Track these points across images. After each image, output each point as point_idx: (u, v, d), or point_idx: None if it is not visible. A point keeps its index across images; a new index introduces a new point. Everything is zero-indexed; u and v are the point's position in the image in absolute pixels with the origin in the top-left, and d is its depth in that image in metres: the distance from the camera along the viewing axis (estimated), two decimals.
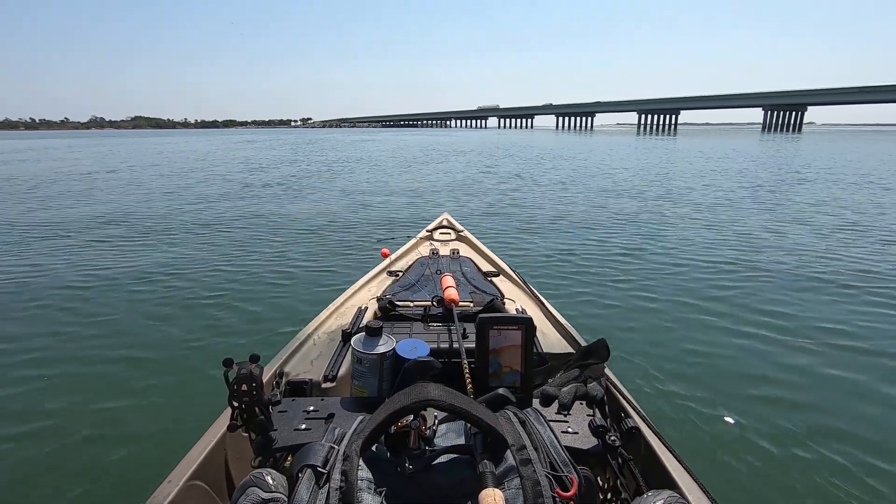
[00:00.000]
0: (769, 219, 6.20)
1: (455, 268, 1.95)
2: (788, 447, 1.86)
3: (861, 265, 4.16)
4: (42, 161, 17.70)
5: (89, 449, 1.87)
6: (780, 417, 2.04)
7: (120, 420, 2.05)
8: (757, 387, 2.28)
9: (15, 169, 14.25)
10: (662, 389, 2.25)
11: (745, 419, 2.03)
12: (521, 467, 0.68)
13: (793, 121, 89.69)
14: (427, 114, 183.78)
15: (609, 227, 5.82)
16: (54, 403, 2.19)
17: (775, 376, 2.37)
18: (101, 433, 1.96)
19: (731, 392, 2.23)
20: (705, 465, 1.73)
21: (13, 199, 8.18)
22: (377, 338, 1.06)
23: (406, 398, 0.74)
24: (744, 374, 2.39)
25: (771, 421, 2.02)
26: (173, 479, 0.86)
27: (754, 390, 2.25)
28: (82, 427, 2.00)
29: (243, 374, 0.81)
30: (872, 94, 75.11)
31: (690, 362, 2.51)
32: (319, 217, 6.53)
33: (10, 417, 2.09)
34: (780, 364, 2.48)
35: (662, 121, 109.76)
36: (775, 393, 2.23)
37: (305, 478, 0.65)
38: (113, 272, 4.10)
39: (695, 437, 1.93)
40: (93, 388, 2.30)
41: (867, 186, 9.45)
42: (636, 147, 26.13)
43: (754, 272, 3.97)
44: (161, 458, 1.04)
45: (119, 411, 2.12)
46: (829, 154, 19.82)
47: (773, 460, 1.80)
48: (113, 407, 2.15)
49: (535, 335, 1.32)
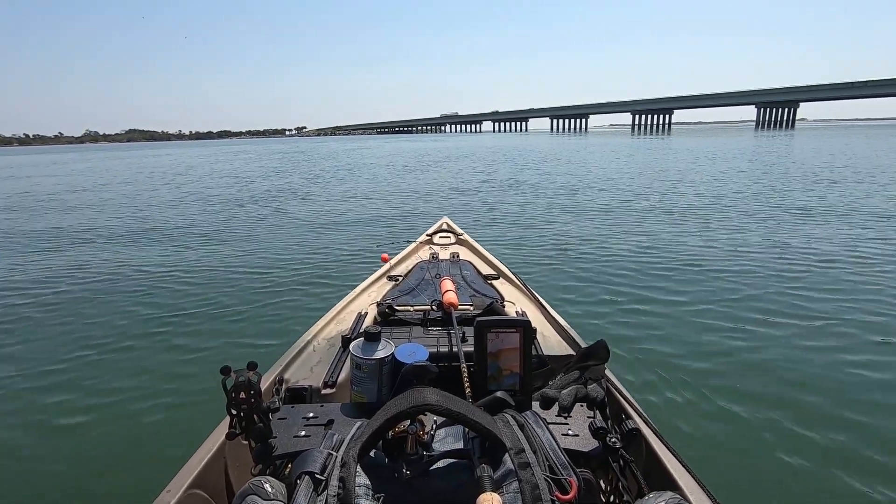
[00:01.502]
0: (775, 219, 6.13)
1: (455, 271, 1.95)
2: (791, 448, 1.84)
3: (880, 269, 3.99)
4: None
5: (88, 458, 1.87)
6: (782, 418, 2.02)
7: (118, 428, 2.05)
8: (759, 387, 2.26)
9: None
10: (663, 390, 2.24)
11: (746, 419, 2.02)
12: (519, 471, 0.68)
13: (786, 117, 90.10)
14: (422, 120, 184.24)
15: (608, 228, 5.83)
16: (52, 410, 2.18)
17: (777, 376, 2.35)
18: (100, 442, 1.96)
19: (732, 392, 2.22)
20: (707, 467, 1.70)
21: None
22: (376, 343, 1.06)
23: (402, 403, 0.73)
24: (745, 374, 2.38)
25: (773, 421, 2.00)
26: (172, 488, 0.86)
27: (756, 390, 2.24)
28: (81, 436, 2.00)
29: (241, 381, 0.81)
30: (862, 89, 75.67)
31: (691, 363, 2.50)
32: (319, 223, 6.55)
33: (6, 427, 2.08)
34: (781, 363, 2.46)
35: (656, 121, 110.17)
36: (778, 393, 2.21)
37: (303, 485, 0.65)
38: (109, 280, 4.10)
39: (696, 437, 1.92)
40: (90, 396, 2.29)
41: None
42: (635, 147, 26.12)
43: (756, 273, 3.95)
44: (160, 467, 1.03)
45: (117, 420, 2.11)
46: (841, 149, 19.38)
47: (776, 461, 1.79)
48: (111, 415, 2.14)
49: (533, 338, 1.32)
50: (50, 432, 2.04)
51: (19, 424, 2.10)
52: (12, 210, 8.75)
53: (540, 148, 28.34)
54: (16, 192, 12.18)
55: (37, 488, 1.72)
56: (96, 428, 2.06)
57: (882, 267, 3.96)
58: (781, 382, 2.30)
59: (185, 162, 25.27)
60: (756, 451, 1.84)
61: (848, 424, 1.98)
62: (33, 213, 8.28)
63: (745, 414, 2.06)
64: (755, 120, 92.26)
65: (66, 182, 14.75)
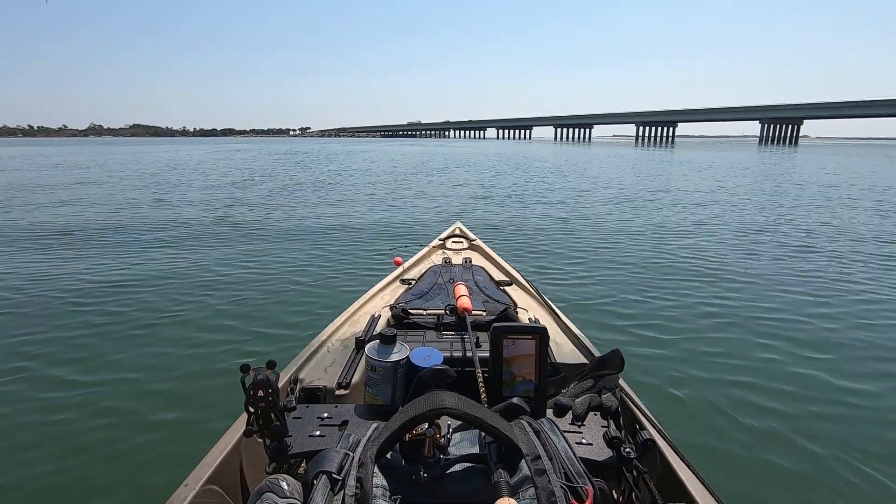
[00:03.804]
0: (795, 232, 6.07)
1: (468, 277, 1.96)
2: (809, 462, 1.81)
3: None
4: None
5: (107, 452, 1.87)
6: (800, 431, 1.97)
7: (137, 424, 2.05)
8: (777, 400, 2.21)
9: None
10: (678, 401, 2.21)
11: (764, 433, 1.98)
12: (535, 477, 0.68)
13: (789, 134, 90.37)
14: (426, 124, 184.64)
15: (622, 236, 5.79)
16: (72, 407, 2.18)
17: (796, 389, 2.30)
18: (119, 437, 1.96)
19: (749, 405, 2.17)
20: (722, 479, 1.68)
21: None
22: (391, 346, 1.07)
23: (421, 406, 0.74)
24: (763, 386, 2.33)
25: (791, 435, 1.96)
26: (190, 483, 0.87)
27: (774, 403, 2.18)
28: (100, 430, 2.00)
29: (260, 379, 0.81)
30: (866, 108, 76.00)
31: (707, 373, 2.45)
32: (332, 225, 6.55)
33: (28, 421, 2.08)
34: (800, 376, 2.41)
35: (660, 133, 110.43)
36: (796, 406, 2.16)
37: (321, 484, 0.66)
38: (128, 277, 4.11)
39: (712, 450, 1.88)
40: (109, 392, 2.30)
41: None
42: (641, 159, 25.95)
43: (777, 284, 3.89)
44: (178, 462, 1.04)
45: (136, 415, 2.12)
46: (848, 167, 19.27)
47: (793, 475, 1.75)
48: (129, 411, 2.15)
49: (548, 345, 1.32)
50: (67, 427, 2.03)
51: (38, 422, 2.09)
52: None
53: (547, 156, 28.30)
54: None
55: (57, 482, 1.72)
56: (114, 422, 2.06)
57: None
58: (800, 397, 2.24)
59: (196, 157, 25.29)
60: (774, 464, 1.80)
61: (870, 444, 1.92)
62: (52, 204, 8.29)
63: (763, 427, 2.01)
64: (759, 135, 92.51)
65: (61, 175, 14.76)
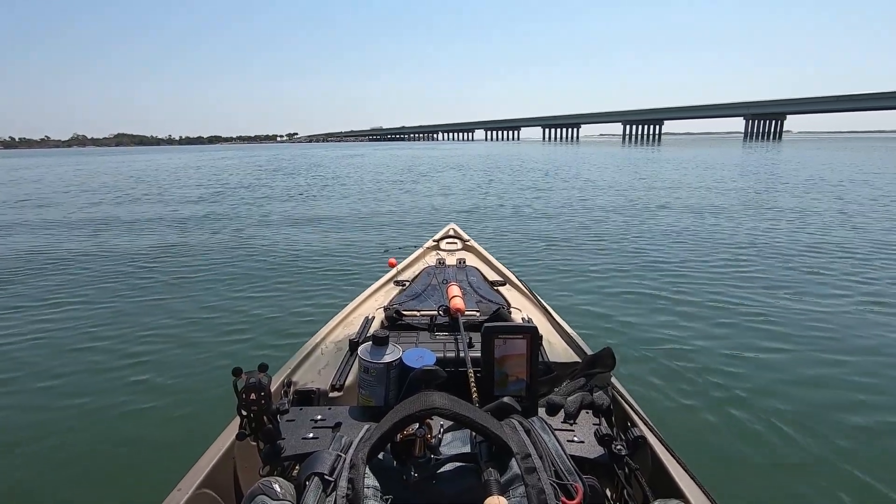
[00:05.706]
0: (785, 229, 6.04)
1: (461, 277, 1.96)
2: (799, 457, 1.82)
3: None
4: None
5: (99, 457, 1.86)
6: (790, 426, 1.99)
7: (129, 428, 2.04)
8: (766, 396, 2.23)
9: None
10: (669, 398, 2.22)
11: (753, 429, 2.00)
12: (525, 475, 0.69)
13: (773, 129, 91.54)
14: (414, 127, 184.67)
15: (615, 236, 5.82)
16: (63, 411, 2.16)
17: (784, 385, 2.33)
18: (111, 442, 1.95)
19: (738, 401, 2.19)
20: (713, 475, 1.67)
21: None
22: (384, 347, 1.07)
23: (411, 406, 0.74)
24: (752, 384, 2.34)
25: (780, 430, 1.98)
26: (183, 488, 0.87)
27: (763, 400, 2.20)
28: (92, 435, 1.99)
29: (252, 383, 0.81)
30: (847, 102, 77.30)
31: (698, 371, 2.47)
32: (326, 228, 6.55)
33: (19, 424, 2.07)
34: (790, 374, 2.43)
35: (646, 131, 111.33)
36: (785, 403, 2.18)
37: (313, 485, 0.66)
38: (120, 281, 4.09)
39: (702, 446, 1.90)
40: (101, 397, 2.28)
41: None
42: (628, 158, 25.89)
43: (765, 282, 3.89)
44: (170, 467, 1.03)
45: (128, 419, 2.10)
46: (843, 162, 19.26)
47: (783, 470, 1.77)
48: (122, 415, 2.13)
49: (540, 344, 1.32)
50: (59, 431, 2.02)
51: (30, 424, 2.07)
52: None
53: (535, 157, 28.36)
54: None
55: (48, 487, 1.70)
56: (106, 427, 2.04)
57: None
58: (789, 392, 2.27)
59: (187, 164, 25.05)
60: (762, 460, 1.81)
61: (861, 435, 1.94)
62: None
63: (752, 423, 2.03)
64: (743, 131, 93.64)
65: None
